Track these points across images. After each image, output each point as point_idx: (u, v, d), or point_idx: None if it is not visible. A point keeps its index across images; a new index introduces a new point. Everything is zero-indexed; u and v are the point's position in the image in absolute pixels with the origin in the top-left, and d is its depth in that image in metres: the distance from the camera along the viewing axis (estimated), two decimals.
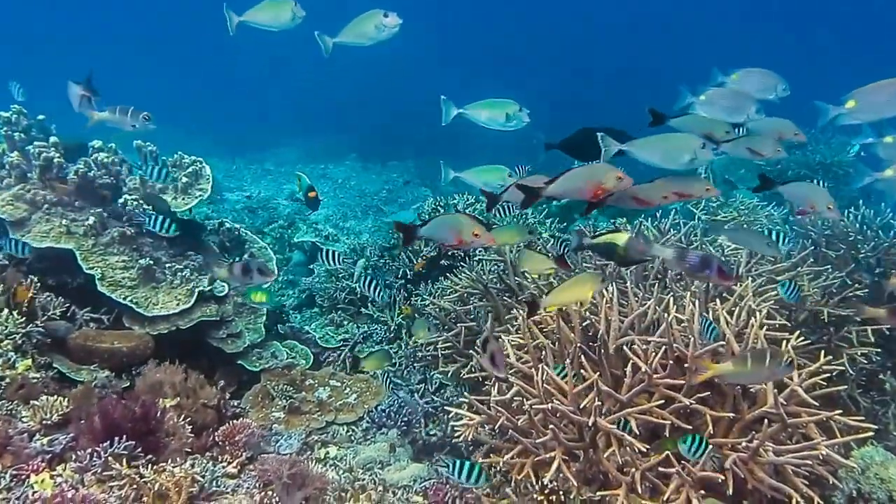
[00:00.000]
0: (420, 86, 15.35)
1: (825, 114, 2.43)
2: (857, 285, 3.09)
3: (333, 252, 3.08)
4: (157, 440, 2.16)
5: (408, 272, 3.97)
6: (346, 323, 3.94)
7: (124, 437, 2.07)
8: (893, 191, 2.66)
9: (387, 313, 3.90)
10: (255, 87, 16.77)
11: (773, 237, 2.68)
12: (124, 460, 2.02)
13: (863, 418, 2.20)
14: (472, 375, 2.90)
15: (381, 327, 3.85)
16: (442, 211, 4.15)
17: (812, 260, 3.19)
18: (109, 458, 1.99)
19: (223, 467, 2.31)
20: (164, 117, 3.01)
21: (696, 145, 2.37)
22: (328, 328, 3.90)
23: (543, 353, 2.45)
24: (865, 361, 2.92)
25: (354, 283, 4.04)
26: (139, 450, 2.10)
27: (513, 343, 2.57)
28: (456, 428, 2.37)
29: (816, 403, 2.17)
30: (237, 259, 3.67)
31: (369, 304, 3.97)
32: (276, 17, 2.96)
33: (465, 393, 2.56)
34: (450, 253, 3.97)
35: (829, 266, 3.10)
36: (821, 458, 2.05)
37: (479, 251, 3.81)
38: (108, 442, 2.05)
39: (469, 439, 2.37)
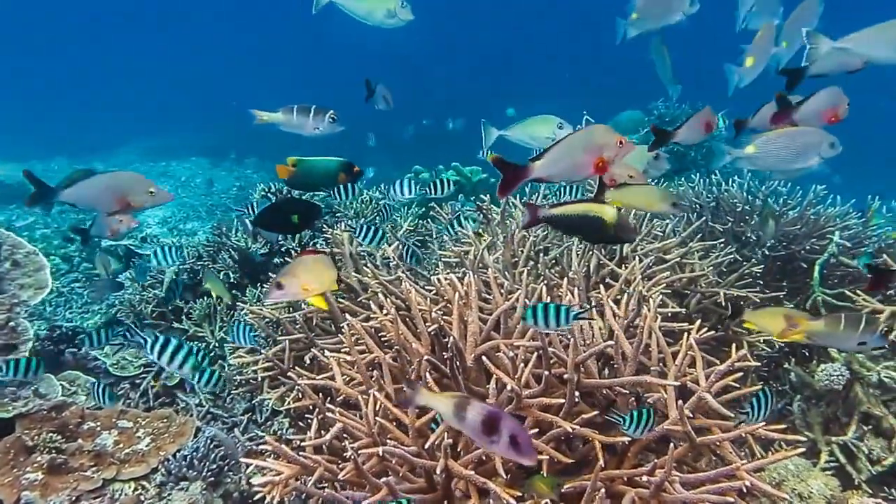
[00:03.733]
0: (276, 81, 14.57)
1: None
2: (750, 262, 2.67)
3: None
4: None
5: (230, 274, 3.21)
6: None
7: None
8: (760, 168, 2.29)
9: (205, 326, 3.12)
10: (91, 81, 15.22)
11: None
12: None
13: (784, 427, 1.70)
14: (302, 403, 2.21)
15: (199, 345, 3.06)
16: (272, 197, 3.43)
17: (700, 235, 2.75)
18: None
19: None
20: None
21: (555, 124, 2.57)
22: (127, 351, 3.07)
23: (379, 371, 1.81)
24: (768, 349, 2.49)
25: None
26: None
27: (341, 361, 1.91)
28: (255, 488, 1.66)
29: (730, 414, 1.66)
30: None
31: (184, 318, 3.18)
32: (372, 12, 2.67)
33: (267, 435, 1.87)
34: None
35: (721, 241, 2.66)
36: (744, 489, 1.53)
37: (322, 242, 3.13)
38: None
39: (276, 501, 1.68)
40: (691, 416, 1.64)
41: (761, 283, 2.70)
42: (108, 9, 19.26)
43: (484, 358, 1.70)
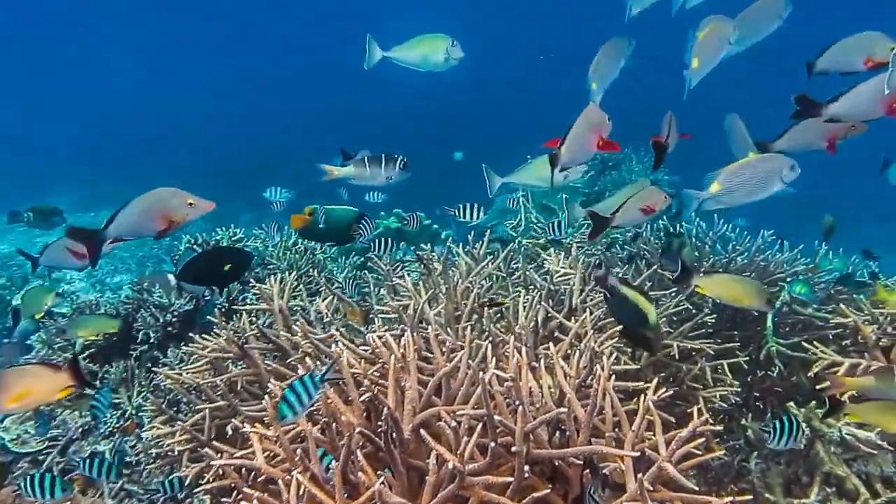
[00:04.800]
0: (227, 122, 14.27)
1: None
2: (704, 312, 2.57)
3: None
4: None
5: (150, 334, 2.94)
6: (59, 412, 2.82)
7: None
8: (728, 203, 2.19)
9: (122, 392, 2.84)
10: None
11: None
12: None
13: (750, 498, 1.56)
14: (223, 483, 1.97)
15: (112, 414, 2.78)
16: (197, 248, 3.20)
17: (650, 283, 2.64)
18: None
19: None
20: None
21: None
22: (29, 423, 2.76)
23: (304, 446, 1.60)
24: (724, 405, 2.37)
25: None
26: None
27: (262, 435, 1.69)
28: None
29: (694, 487, 1.51)
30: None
31: (98, 382, 2.89)
32: (426, 58, 2.64)
33: None
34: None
35: (673, 290, 2.56)
36: None
37: (252, 297, 2.92)
38: None
39: None
40: (651, 488, 1.49)
41: (712, 332, 2.60)
42: (34, 48, 18.55)
43: (422, 430, 1.52)
